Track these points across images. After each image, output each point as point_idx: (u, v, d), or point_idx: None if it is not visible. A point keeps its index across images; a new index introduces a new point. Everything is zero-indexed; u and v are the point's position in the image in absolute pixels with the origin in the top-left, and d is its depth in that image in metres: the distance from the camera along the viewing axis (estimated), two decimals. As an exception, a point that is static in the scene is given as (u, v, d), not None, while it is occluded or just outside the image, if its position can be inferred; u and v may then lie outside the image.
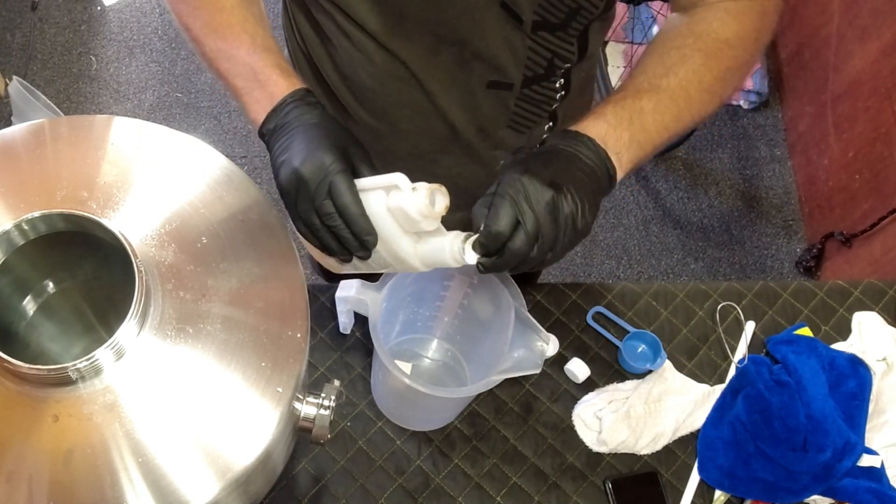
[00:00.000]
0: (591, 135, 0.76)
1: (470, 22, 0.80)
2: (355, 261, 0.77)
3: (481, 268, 0.72)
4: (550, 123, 0.96)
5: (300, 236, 0.76)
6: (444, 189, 0.68)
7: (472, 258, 0.71)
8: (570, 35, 0.85)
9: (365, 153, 0.76)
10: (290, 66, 0.82)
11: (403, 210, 0.68)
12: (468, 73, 0.86)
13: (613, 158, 0.77)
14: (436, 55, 0.84)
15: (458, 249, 0.70)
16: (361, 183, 0.72)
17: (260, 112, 0.77)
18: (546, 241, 0.71)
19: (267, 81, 0.78)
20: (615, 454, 0.97)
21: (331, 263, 0.80)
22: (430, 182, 0.68)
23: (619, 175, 0.78)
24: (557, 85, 0.91)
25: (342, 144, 0.74)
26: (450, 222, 0.72)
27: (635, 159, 0.79)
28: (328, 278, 1.22)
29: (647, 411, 0.96)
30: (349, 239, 0.72)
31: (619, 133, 0.78)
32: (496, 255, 0.71)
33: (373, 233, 0.72)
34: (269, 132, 0.76)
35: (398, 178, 0.69)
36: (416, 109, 0.90)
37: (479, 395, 0.98)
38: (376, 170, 0.75)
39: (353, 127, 0.97)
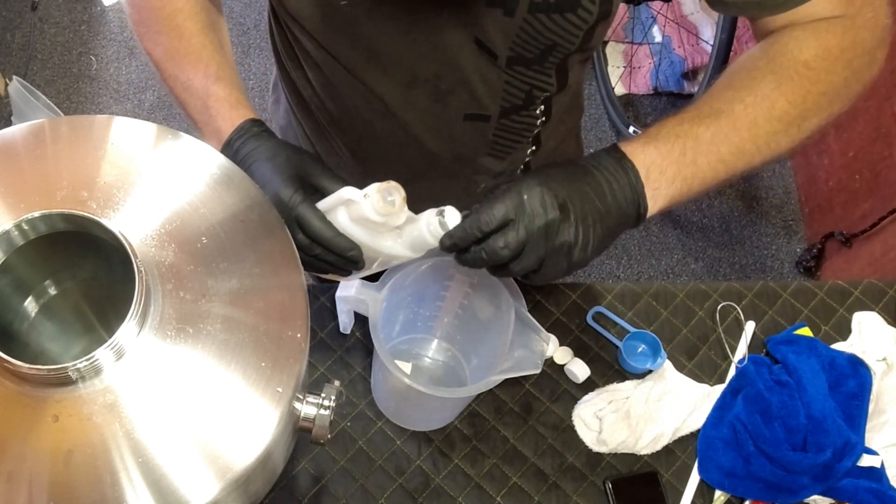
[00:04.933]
0: (636, 163, 0.72)
1: (444, 58, 0.79)
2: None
3: (454, 254, 0.71)
4: (534, 147, 0.94)
5: None
6: (394, 184, 0.69)
7: (449, 223, 0.70)
8: (547, 69, 0.82)
9: (323, 166, 0.76)
10: (241, 94, 0.81)
11: (366, 218, 0.69)
12: (444, 105, 0.84)
13: (649, 194, 0.72)
14: (411, 89, 0.82)
15: (435, 225, 0.70)
16: (323, 205, 0.74)
17: (217, 148, 0.78)
18: (529, 257, 0.69)
19: (216, 116, 0.78)
20: (615, 454, 0.97)
21: (336, 276, 0.82)
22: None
23: (652, 212, 0.73)
24: (538, 112, 0.88)
25: (295, 171, 0.75)
26: None
27: (676, 196, 0.74)
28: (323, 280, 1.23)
29: (647, 411, 0.96)
30: (335, 261, 0.74)
31: (665, 165, 0.72)
32: (475, 246, 0.69)
33: (354, 247, 0.73)
34: None
35: (347, 191, 0.71)
36: (392, 139, 0.89)
37: (479, 395, 0.98)
38: (338, 176, 0.76)
39: (332, 149, 0.97)
